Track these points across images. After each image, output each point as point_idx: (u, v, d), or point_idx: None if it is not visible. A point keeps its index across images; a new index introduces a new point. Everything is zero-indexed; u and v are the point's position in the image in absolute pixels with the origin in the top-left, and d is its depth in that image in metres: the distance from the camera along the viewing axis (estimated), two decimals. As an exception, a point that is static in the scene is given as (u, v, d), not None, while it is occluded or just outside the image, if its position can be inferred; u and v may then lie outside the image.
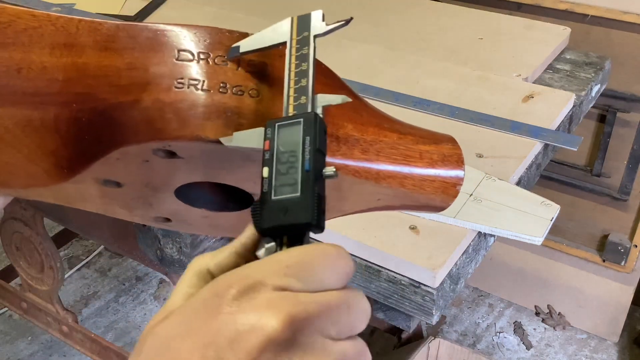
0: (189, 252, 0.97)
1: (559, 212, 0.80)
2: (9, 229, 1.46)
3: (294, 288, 0.29)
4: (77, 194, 0.46)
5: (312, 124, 0.35)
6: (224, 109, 0.39)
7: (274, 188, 0.34)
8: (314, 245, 0.31)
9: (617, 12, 1.38)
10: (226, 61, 0.40)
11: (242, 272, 0.30)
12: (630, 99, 1.44)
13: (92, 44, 0.41)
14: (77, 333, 1.49)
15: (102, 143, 0.40)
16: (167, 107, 0.39)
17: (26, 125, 0.41)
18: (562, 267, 1.78)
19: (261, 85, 0.40)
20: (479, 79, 1.04)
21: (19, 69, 0.40)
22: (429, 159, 0.44)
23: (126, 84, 0.40)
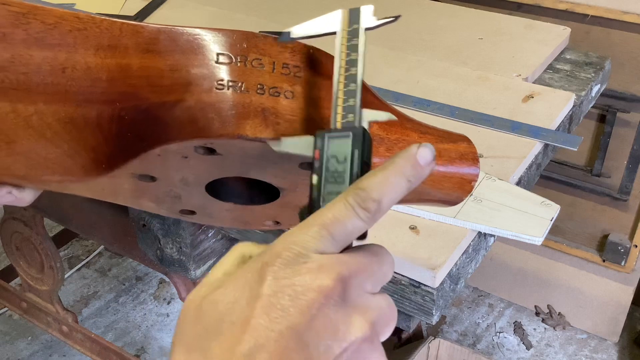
0: (189, 252, 0.97)
1: (559, 212, 0.80)
2: (9, 229, 1.46)
3: (331, 248, 0.33)
4: (110, 188, 0.48)
5: (361, 138, 0.37)
6: (262, 109, 0.41)
7: (322, 196, 0.37)
8: (336, 203, 0.34)
9: (617, 12, 1.38)
10: (262, 64, 0.43)
11: (285, 240, 0.33)
12: (630, 99, 1.44)
13: (135, 46, 0.43)
14: (77, 333, 1.49)
15: (144, 140, 0.42)
16: (209, 107, 0.41)
17: (68, 122, 0.42)
18: (562, 267, 1.78)
19: (295, 87, 0.43)
20: (479, 79, 1.04)
21: (63, 68, 0.42)
22: (448, 157, 0.46)
23: (168, 84, 0.42)
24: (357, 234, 0.34)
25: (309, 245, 0.33)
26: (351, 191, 0.34)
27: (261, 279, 0.32)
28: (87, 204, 1.19)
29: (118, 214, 1.12)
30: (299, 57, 0.43)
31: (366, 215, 0.34)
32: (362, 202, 0.34)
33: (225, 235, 1.00)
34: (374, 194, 0.34)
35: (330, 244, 0.33)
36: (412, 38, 1.17)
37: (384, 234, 0.76)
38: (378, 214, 0.34)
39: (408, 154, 0.36)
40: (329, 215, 0.34)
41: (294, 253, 0.32)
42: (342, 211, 0.34)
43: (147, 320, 1.95)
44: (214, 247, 1.01)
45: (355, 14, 0.44)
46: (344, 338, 0.32)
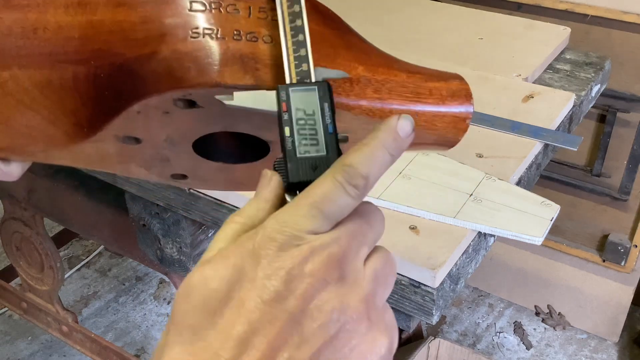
0: (189, 252, 0.97)
1: (559, 212, 0.80)
2: (9, 229, 1.46)
3: (323, 227, 0.33)
4: (96, 154, 0.47)
5: (327, 92, 0.38)
6: (240, 55, 0.40)
7: (297, 147, 0.37)
8: (324, 181, 0.34)
9: (617, 12, 1.38)
10: (238, 9, 0.41)
11: (277, 221, 0.33)
12: (630, 99, 1.44)
13: (105, 1, 0.42)
14: (77, 333, 1.49)
15: (122, 97, 0.41)
16: (185, 57, 0.40)
17: (45, 86, 0.42)
18: (562, 267, 1.78)
19: (274, 31, 0.41)
20: (479, 79, 1.04)
21: (34, 29, 0.41)
22: (439, 95, 0.45)
23: (142, 37, 0.41)
24: (348, 211, 0.34)
25: (301, 227, 0.33)
26: (339, 168, 0.34)
27: (255, 262, 0.32)
28: (87, 203, 1.19)
29: (118, 214, 1.12)
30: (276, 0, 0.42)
31: (355, 192, 0.34)
32: (351, 179, 0.34)
33: (225, 235, 1.00)
34: (361, 170, 0.34)
35: (322, 222, 0.33)
36: (412, 38, 1.17)
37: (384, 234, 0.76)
38: (366, 190, 0.35)
39: (388, 127, 0.36)
40: (319, 194, 0.33)
41: (287, 235, 0.32)
42: (331, 189, 0.34)
43: (147, 320, 1.95)
44: (214, 247, 1.01)
45: None
46: (338, 319, 0.32)
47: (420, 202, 0.79)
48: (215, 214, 0.88)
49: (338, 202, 0.34)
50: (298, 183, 0.36)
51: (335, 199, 0.33)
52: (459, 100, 0.45)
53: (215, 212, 0.88)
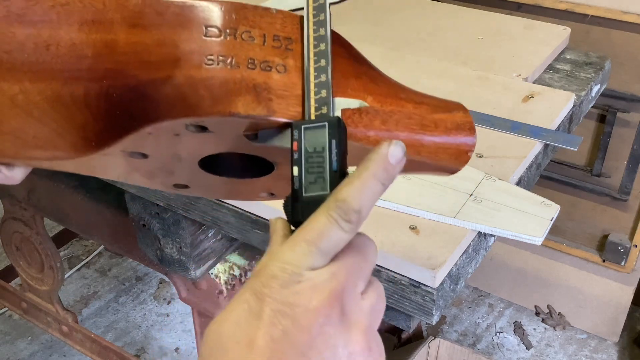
0: (189, 252, 0.97)
1: (559, 212, 0.80)
2: (9, 229, 1.46)
3: (320, 262, 0.35)
4: (101, 164, 0.48)
5: (336, 128, 0.39)
6: (254, 85, 0.40)
7: (304, 186, 0.38)
8: (319, 217, 0.36)
9: (617, 12, 1.38)
10: (253, 37, 0.41)
11: (277, 259, 0.35)
12: (630, 99, 1.44)
13: (120, 20, 0.42)
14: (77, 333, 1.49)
15: (134, 118, 0.41)
16: (199, 84, 0.40)
17: (55, 100, 0.42)
18: (562, 267, 1.78)
19: (287, 61, 0.42)
20: (479, 79, 1.04)
21: (47, 45, 0.41)
22: (444, 127, 0.45)
23: (156, 60, 0.41)
24: (343, 245, 0.36)
25: (300, 263, 0.34)
26: (332, 204, 0.36)
27: (261, 301, 0.34)
28: (87, 203, 1.19)
29: (118, 214, 1.12)
30: (290, 29, 0.42)
31: (349, 227, 0.36)
32: (344, 215, 0.35)
33: (225, 235, 1.00)
34: (354, 204, 0.36)
35: (319, 258, 0.35)
36: (412, 38, 1.17)
37: (384, 234, 0.76)
38: (359, 223, 0.36)
39: (379, 156, 0.37)
40: (315, 231, 0.35)
41: (287, 273, 0.34)
42: (326, 225, 0.35)
43: (147, 320, 1.95)
44: (214, 247, 1.01)
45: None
46: (344, 353, 0.34)
47: (420, 202, 0.79)
48: (215, 214, 0.88)
49: (333, 238, 0.35)
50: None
51: (330, 235, 0.35)
52: (463, 133, 0.46)
53: (215, 212, 0.88)
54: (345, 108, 0.41)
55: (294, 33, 0.42)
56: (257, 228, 0.84)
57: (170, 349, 1.86)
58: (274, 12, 0.42)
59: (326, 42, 0.41)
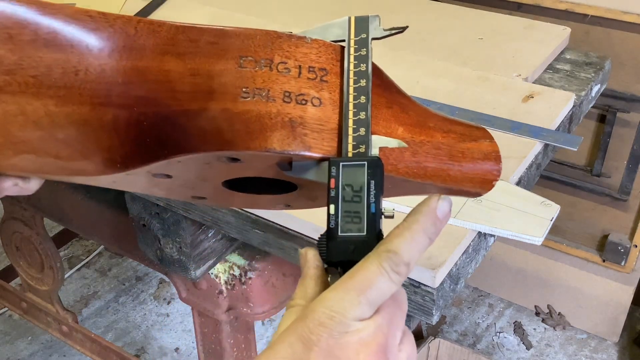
0: (189, 252, 0.97)
1: (559, 212, 0.80)
2: (9, 229, 1.46)
3: (367, 313, 0.35)
4: (122, 180, 0.47)
5: (376, 168, 0.38)
6: (290, 120, 0.39)
7: (340, 225, 0.38)
8: (369, 266, 0.36)
9: (617, 12, 1.38)
10: (288, 68, 0.40)
11: (325, 306, 0.35)
12: (630, 99, 1.44)
13: (152, 47, 0.41)
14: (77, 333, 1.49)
15: (165, 147, 0.40)
16: (235, 118, 0.39)
17: (81, 124, 0.41)
18: (562, 267, 1.78)
19: (322, 93, 0.41)
20: (479, 79, 1.04)
21: (76, 71, 0.40)
22: (471, 157, 0.45)
23: (190, 90, 0.40)
24: (388, 296, 0.36)
25: (348, 314, 0.34)
26: (383, 255, 0.36)
27: (307, 349, 0.34)
28: (87, 203, 1.19)
29: (118, 214, 1.12)
30: (325, 59, 0.41)
31: (398, 279, 0.36)
32: (395, 267, 0.36)
33: (225, 235, 1.00)
34: (405, 257, 0.36)
35: (366, 309, 0.35)
36: (412, 38, 1.17)
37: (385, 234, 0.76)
38: (407, 275, 0.36)
39: (429, 210, 0.38)
40: (365, 281, 0.35)
41: (335, 322, 0.34)
42: (377, 276, 0.35)
43: (147, 320, 1.95)
44: (214, 247, 1.01)
45: (363, 23, 0.43)
46: None
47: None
48: (215, 214, 0.88)
49: (382, 289, 0.35)
50: (338, 262, 0.38)
51: (379, 286, 0.35)
52: (489, 163, 0.46)
53: (215, 212, 0.88)
54: (384, 147, 0.40)
55: (328, 64, 0.41)
56: (257, 228, 0.84)
57: (170, 349, 1.86)
58: (308, 42, 0.41)
59: (367, 79, 0.41)
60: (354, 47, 0.41)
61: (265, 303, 1.03)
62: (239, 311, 1.04)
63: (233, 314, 1.07)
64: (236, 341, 1.13)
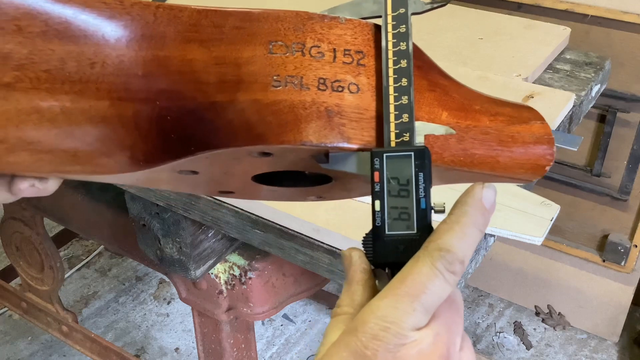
0: (189, 252, 0.97)
1: (559, 212, 0.80)
2: (9, 229, 1.46)
3: (424, 321, 0.32)
4: (145, 178, 0.44)
5: (424, 159, 0.35)
6: (325, 109, 0.36)
7: (387, 223, 0.35)
8: (421, 268, 0.33)
9: (617, 12, 1.38)
10: (322, 52, 0.37)
11: (377, 316, 0.32)
12: (630, 99, 1.44)
13: (174, 34, 0.37)
14: (77, 333, 1.49)
15: (191, 143, 0.37)
16: (266, 109, 0.36)
17: (100, 121, 0.37)
18: (562, 267, 1.78)
19: (359, 79, 0.37)
20: (479, 79, 1.04)
21: (91, 63, 0.36)
22: (522, 141, 0.41)
23: (216, 81, 0.37)
24: (444, 299, 0.33)
25: (404, 323, 0.32)
26: (435, 254, 0.33)
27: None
28: (87, 203, 1.19)
29: (118, 214, 1.12)
30: (361, 40, 0.37)
31: (454, 279, 0.33)
32: (450, 266, 0.33)
33: (225, 235, 1.00)
34: (459, 254, 0.33)
35: (422, 316, 0.32)
36: (412, 38, 1.17)
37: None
38: (462, 274, 0.33)
39: (475, 201, 0.34)
40: (418, 285, 0.32)
41: (391, 334, 0.31)
42: (431, 278, 0.32)
43: (147, 320, 1.95)
44: (214, 247, 1.01)
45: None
46: None
47: (420, 202, 0.79)
48: (215, 214, 0.88)
49: (437, 292, 0.32)
50: (387, 263, 0.35)
51: (434, 289, 0.32)
52: (541, 147, 0.41)
53: (215, 212, 0.87)
54: (429, 134, 0.37)
55: (365, 45, 0.38)
56: (257, 228, 0.84)
57: (170, 349, 1.86)
58: (342, 22, 0.37)
59: (408, 59, 0.37)
60: (392, 24, 0.37)
61: (265, 303, 1.03)
62: (239, 311, 1.04)
63: (233, 314, 1.07)
64: (236, 341, 1.13)
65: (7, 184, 0.40)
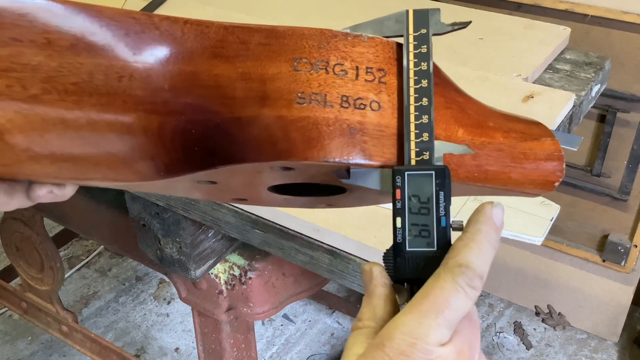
0: (189, 252, 0.97)
1: (559, 212, 0.80)
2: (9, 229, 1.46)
3: (447, 336, 0.33)
4: (163, 187, 0.45)
5: (444, 178, 0.36)
6: (348, 126, 0.37)
7: (407, 240, 0.36)
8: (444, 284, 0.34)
9: (617, 12, 1.38)
10: (345, 70, 0.38)
11: (403, 332, 0.33)
12: (630, 99, 1.44)
13: (201, 50, 0.38)
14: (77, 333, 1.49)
15: (214, 157, 0.38)
16: (290, 126, 0.37)
17: (125, 132, 0.38)
18: (562, 267, 1.78)
19: (381, 96, 0.38)
20: (479, 79, 1.04)
21: (119, 77, 0.37)
22: (534, 158, 0.42)
23: (242, 96, 0.37)
24: (465, 314, 0.34)
25: (429, 339, 0.32)
26: (456, 270, 0.34)
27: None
28: (87, 203, 1.19)
29: (118, 214, 1.12)
30: (382, 58, 0.38)
31: (474, 294, 0.34)
32: (470, 281, 0.34)
33: (225, 235, 1.00)
34: (478, 270, 0.34)
35: (447, 332, 0.33)
36: (412, 38, 1.17)
37: (384, 234, 0.76)
38: (481, 289, 0.34)
39: (487, 219, 0.36)
40: (442, 301, 0.33)
41: (417, 350, 0.32)
42: (454, 294, 0.33)
43: (147, 320, 1.95)
44: (214, 247, 1.01)
45: (423, 17, 0.40)
46: None
47: (420, 202, 0.79)
48: (215, 214, 0.88)
49: (460, 307, 0.33)
50: (407, 279, 0.36)
51: (457, 305, 0.33)
52: (553, 164, 0.42)
53: (215, 212, 0.88)
54: (448, 153, 0.38)
55: (386, 63, 0.39)
56: (257, 228, 0.84)
57: (170, 349, 1.86)
58: (365, 40, 0.39)
59: (429, 79, 0.38)
60: (414, 44, 0.39)
61: (265, 303, 1.03)
62: (239, 311, 1.04)
63: (233, 314, 1.07)
64: (236, 341, 1.13)
65: (25, 190, 0.41)
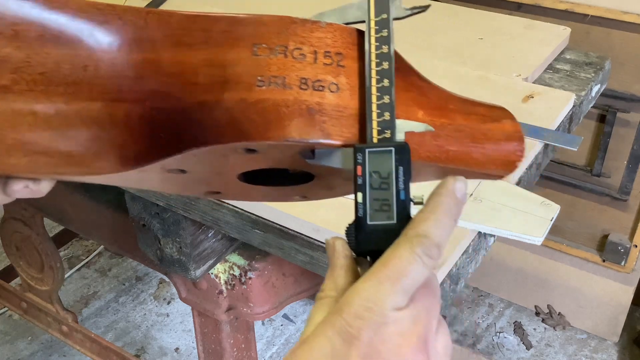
0: (189, 252, 0.97)
1: (559, 212, 0.80)
2: (9, 229, 1.46)
3: (403, 302, 0.34)
4: (136, 178, 0.46)
5: (404, 154, 0.37)
6: (307, 107, 0.38)
7: (368, 214, 0.37)
8: (401, 252, 0.35)
9: (617, 12, 1.38)
10: (304, 54, 0.39)
11: (361, 297, 0.34)
12: (630, 99, 1.44)
13: (163, 38, 0.39)
14: (77, 333, 1.49)
15: (179, 141, 0.39)
16: (251, 108, 0.38)
17: (93, 121, 0.39)
18: (562, 267, 1.78)
19: (339, 79, 0.39)
20: (479, 79, 1.04)
21: (84, 66, 0.39)
22: (494, 138, 0.43)
23: (204, 82, 0.39)
24: (421, 282, 0.35)
25: (385, 304, 0.34)
26: (414, 239, 0.35)
27: (347, 344, 0.33)
28: (87, 203, 1.19)
29: (118, 214, 1.12)
30: (340, 43, 0.40)
31: (431, 263, 0.35)
32: (427, 250, 0.35)
33: (225, 235, 1.00)
34: (435, 239, 0.35)
35: (402, 297, 0.34)
36: (412, 38, 1.17)
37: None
38: (438, 260, 0.36)
39: (448, 192, 0.37)
40: (399, 268, 0.34)
41: (374, 314, 0.33)
42: (410, 262, 0.34)
43: (147, 320, 1.95)
44: (214, 247, 1.01)
45: (383, 3, 0.41)
46: None
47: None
48: (215, 214, 0.88)
49: (416, 275, 0.34)
50: (368, 251, 0.37)
51: (414, 273, 0.34)
52: (512, 144, 0.44)
53: (215, 212, 0.88)
54: (409, 131, 0.39)
55: (345, 48, 0.40)
56: (257, 228, 0.84)
57: (170, 349, 1.86)
58: (323, 26, 0.40)
59: (389, 61, 0.40)
60: (375, 29, 0.40)
61: (265, 303, 1.03)
62: (239, 311, 1.04)
63: (233, 314, 1.07)
64: (236, 341, 1.13)
65: (1, 185, 0.42)
